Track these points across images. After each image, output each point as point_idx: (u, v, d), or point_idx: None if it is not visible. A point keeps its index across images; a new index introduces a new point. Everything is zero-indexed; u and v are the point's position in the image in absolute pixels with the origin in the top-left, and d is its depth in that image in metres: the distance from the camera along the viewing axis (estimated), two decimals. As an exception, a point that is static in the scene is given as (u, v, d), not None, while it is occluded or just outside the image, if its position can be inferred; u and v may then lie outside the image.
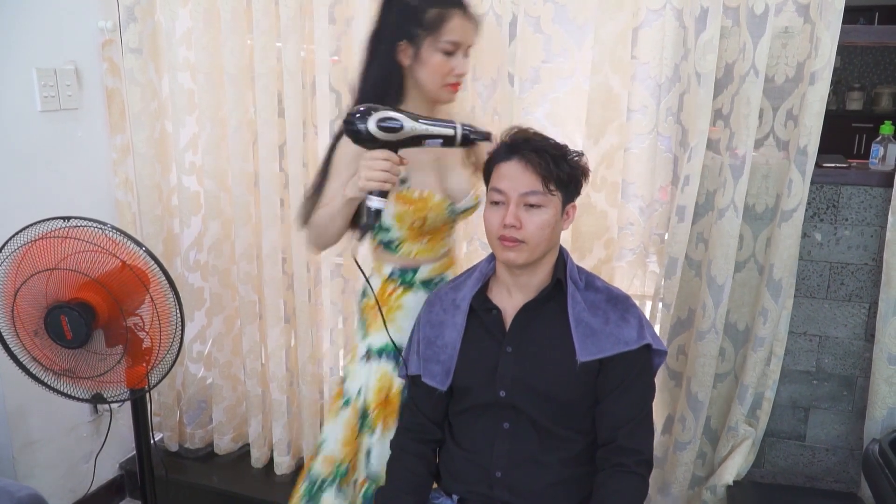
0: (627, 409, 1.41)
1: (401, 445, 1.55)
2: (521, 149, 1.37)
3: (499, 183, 1.39)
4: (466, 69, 1.57)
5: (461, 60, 1.55)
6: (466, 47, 1.55)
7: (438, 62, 1.53)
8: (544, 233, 1.38)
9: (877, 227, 1.93)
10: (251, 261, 2.34)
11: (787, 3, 1.83)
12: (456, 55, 1.54)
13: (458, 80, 1.57)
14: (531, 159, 1.35)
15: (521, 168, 1.36)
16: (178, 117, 2.29)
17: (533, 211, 1.37)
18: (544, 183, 1.35)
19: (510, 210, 1.36)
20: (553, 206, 1.38)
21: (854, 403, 2.05)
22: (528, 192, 1.36)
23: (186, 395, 2.54)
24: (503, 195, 1.38)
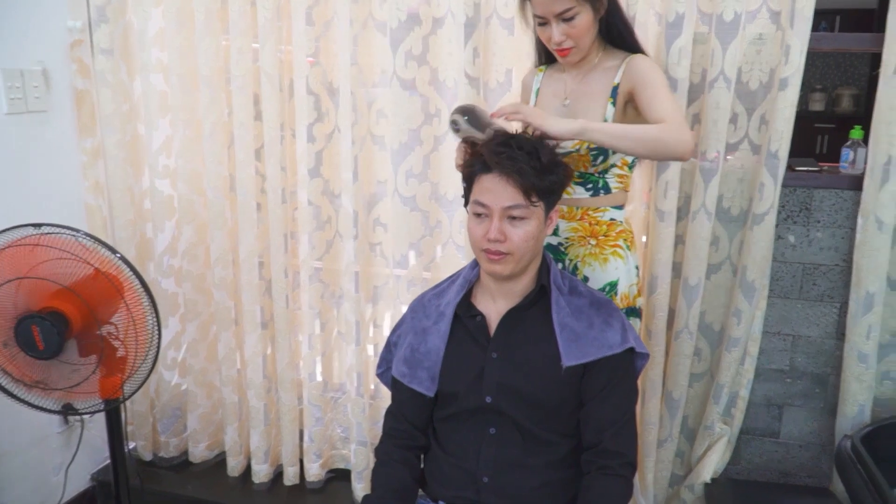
0: (612, 413, 1.43)
1: (385, 452, 1.54)
2: (502, 162, 1.36)
3: (481, 196, 1.39)
4: (559, 38, 1.58)
5: (554, 29, 1.57)
6: (554, 17, 1.56)
7: (538, 33, 1.66)
8: (529, 244, 1.39)
9: (847, 228, 1.98)
10: (227, 266, 2.31)
11: (762, 10, 1.87)
12: (548, 24, 1.58)
13: (558, 46, 1.60)
14: (512, 173, 1.35)
15: (503, 182, 1.36)
16: (150, 120, 2.25)
17: (517, 223, 1.38)
18: (526, 196, 1.36)
19: (494, 224, 1.37)
20: (536, 216, 1.39)
21: (826, 401, 2.10)
22: (511, 206, 1.36)
23: (160, 402, 2.49)
24: (486, 209, 1.38)
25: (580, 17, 1.56)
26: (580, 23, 1.56)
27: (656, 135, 1.49)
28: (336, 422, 2.44)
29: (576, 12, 1.55)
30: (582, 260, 1.69)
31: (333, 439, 2.46)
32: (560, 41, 1.59)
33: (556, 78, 1.77)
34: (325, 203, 2.25)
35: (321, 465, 2.41)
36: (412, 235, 2.20)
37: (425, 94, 2.10)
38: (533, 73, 1.83)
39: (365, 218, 2.21)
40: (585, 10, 1.56)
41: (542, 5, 1.56)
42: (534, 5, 1.59)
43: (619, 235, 1.70)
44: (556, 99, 1.74)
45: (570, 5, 1.54)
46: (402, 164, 2.14)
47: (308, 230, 2.23)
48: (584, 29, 1.58)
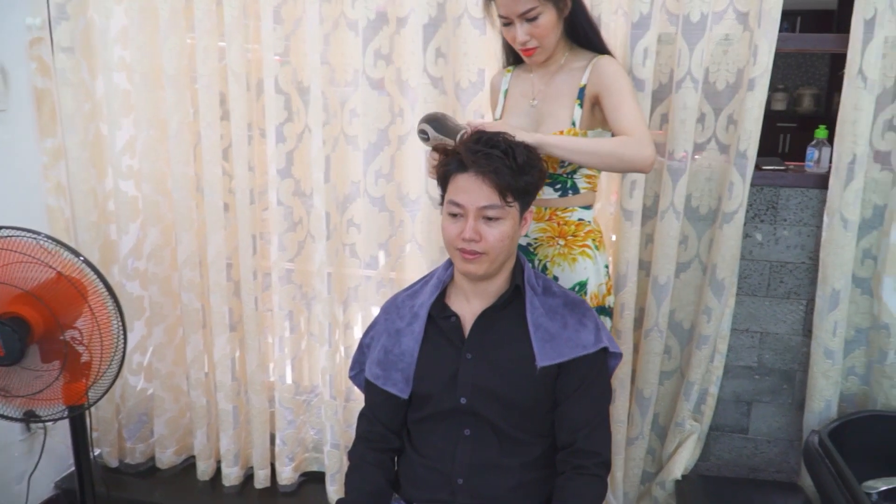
0: (586, 412, 1.43)
1: (359, 455, 1.53)
2: (478, 162, 1.35)
3: (456, 196, 1.38)
4: (523, 38, 1.59)
5: (518, 29, 1.59)
6: (518, 17, 1.57)
7: (503, 33, 1.68)
8: (504, 244, 1.38)
9: (813, 227, 2.01)
10: (195, 267, 2.27)
11: (728, 11, 1.89)
12: (513, 25, 1.59)
13: (522, 46, 1.61)
14: (488, 173, 1.35)
15: (478, 182, 1.35)
16: (113, 119, 2.20)
17: (492, 223, 1.37)
18: (502, 196, 1.35)
19: (469, 224, 1.36)
20: (511, 217, 1.39)
21: (794, 396, 2.13)
22: (486, 206, 1.36)
23: (126, 408, 2.44)
24: (461, 208, 1.38)
25: (543, 16, 1.57)
26: (544, 22, 1.57)
27: (612, 149, 1.51)
28: (309, 424, 2.42)
29: (539, 12, 1.56)
30: (551, 260, 1.69)
31: (306, 442, 2.43)
32: (524, 41, 1.60)
33: (523, 78, 1.77)
34: (297, 204, 2.22)
35: (294, 469, 2.38)
36: (380, 236, 2.19)
37: (392, 93, 2.09)
38: (501, 74, 1.84)
39: (338, 218, 2.19)
40: (549, 10, 1.57)
41: (505, 6, 1.57)
42: (497, 6, 1.60)
43: (588, 235, 1.71)
44: (524, 99, 1.74)
45: (532, 5, 1.54)
46: (371, 163, 2.12)
47: (279, 231, 2.20)
48: (548, 28, 1.59)
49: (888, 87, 1.87)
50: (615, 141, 1.53)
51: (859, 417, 1.93)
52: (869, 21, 1.79)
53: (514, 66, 1.81)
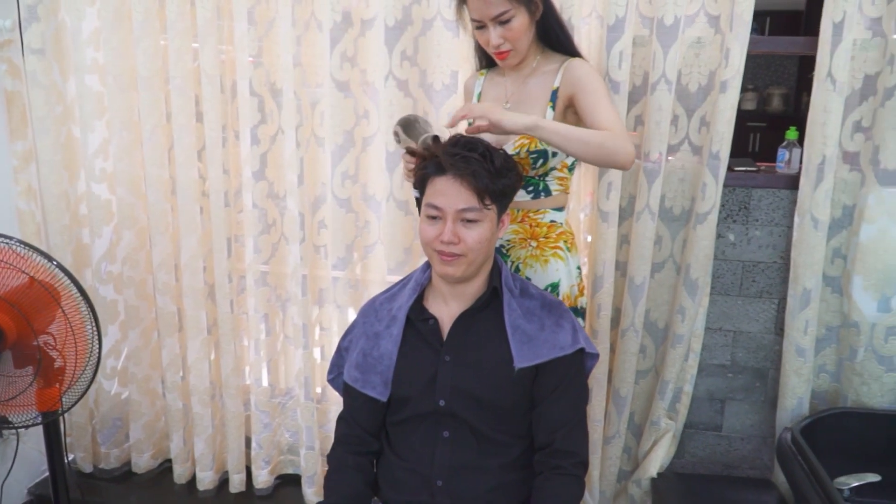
0: (563, 413, 1.44)
1: (338, 458, 1.53)
2: (456, 165, 1.36)
3: (435, 199, 1.39)
4: (497, 41, 1.60)
5: (492, 32, 1.59)
6: (490, 20, 1.58)
7: (476, 36, 1.68)
8: (482, 246, 1.39)
9: (784, 227, 2.05)
10: (170, 271, 2.25)
11: (700, 14, 1.92)
12: (486, 29, 1.60)
13: (496, 49, 1.62)
14: (466, 176, 1.35)
15: (456, 185, 1.36)
16: (86, 122, 2.17)
17: (470, 226, 1.38)
18: (480, 199, 1.36)
19: (447, 226, 1.37)
20: (489, 219, 1.40)
21: (766, 394, 2.16)
22: (464, 209, 1.37)
23: (100, 412, 2.41)
24: (440, 211, 1.38)
25: (516, 19, 1.58)
26: (516, 25, 1.58)
27: (602, 141, 1.51)
28: (284, 427, 2.41)
29: (511, 15, 1.57)
30: (523, 262, 1.70)
31: (282, 445, 2.42)
32: (498, 44, 1.61)
33: (496, 82, 1.78)
34: (271, 206, 2.22)
35: (270, 472, 2.37)
36: (347, 237, 2.20)
37: (357, 95, 2.10)
38: (474, 77, 1.85)
39: (310, 220, 2.18)
40: (521, 13, 1.58)
41: (477, 9, 1.58)
42: (470, 9, 1.61)
43: (560, 237, 1.72)
44: (497, 103, 1.75)
45: (505, 8, 1.56)
46: (338, 165, 2.13)
47: (253, 233, 2.19)
48: (521, 31, 1.60)
49: (857, 89, 1.91)
50: (603, 133, 1.53)
51: (831, 414, 1.96)
52: (837, 24, 1.83)
53: (488, 70, 1.82)
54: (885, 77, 1.85)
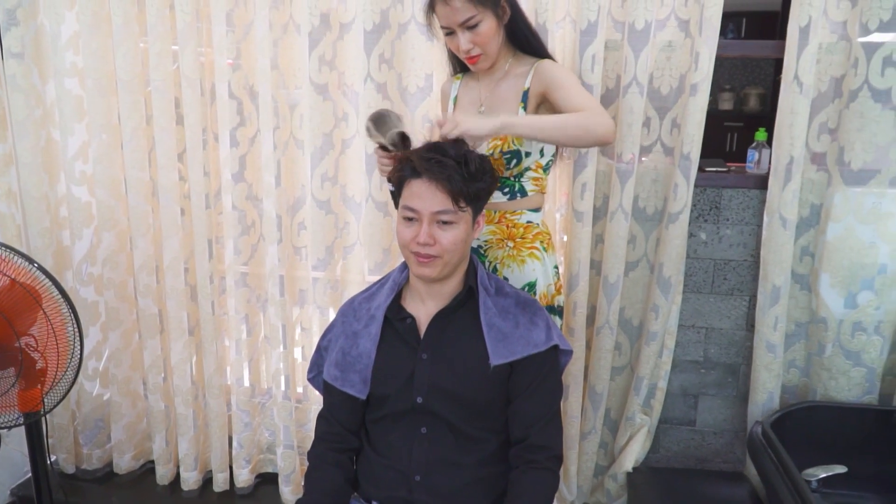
0: (538, 408, 1.48)
1: (318, 455, 1.55)
2: (431, 169, 1.39)
3: (411, 201, 1.42)
4: (466, 46, 1.64)
5: (461, 38, 1.64)
6: (459, 26, 1.62)
7: (447, 42, 1.71)
8: (457, 247, 1.43)
9: (754, 226, 2.09)
10: (151, 272, 2.27)
11: (670, 18, 1.96)
12: (454, 33, 1.64)
13: (466, 54, 1.67)
14: (441, 180, 1.39)
15: (432, 187, 1.40)
16: (66, 125, 2.19)
17: (446, 227, 1.41)
18: (455, 202, 1.40)
19: (423, 228, 1.40)
20: (465, 221, 1.43)
21: (738, 389, 2.21)
22: (440, 211, 1.40)
23: (82, 414, 2.43)
24: (416, 213, 1.41)
25: (483, 24, 1.62)
26: (484, 30, 1.62)
27: (576, 121, 1.55)
28: (264, 426, 2.43)
29: (479, 20, 1.61)
30: (501, 262, 1.74)
31: (262, 444, 2.45)
32: (468, 49, 1.65)
33: (471, 86, 1.82)
34: (249, 207, 2.24)
35: (250, 471, 2.40)
36: (327, 238, 2.22)
37: (335, 98, 2.12)
38: (450, 82, 1.88)
39: (289, 221, 2.21)
40: (488, 17, 1.62)
41: (445, 16, 1.62)
42: (438, 17, 1.65)
43: (536, 237, 1.76)
44: (472, 106, 1.79)
45: (472, 13, 1.60)
46: (317, 167, 2.15)
47: (233, 235, 2.22)
48: (489, 35, 1.64)
49: (823, 91, 1.96)
50: (577, 114, 1.57)
51: (800, 408, 2.01)
52: (804, 28, 1.87)
53: (463, 74, 1.86)
54: (849, 80, 1.90)
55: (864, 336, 2.01)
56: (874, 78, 1.87)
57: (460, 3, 1.59)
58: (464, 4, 1.59)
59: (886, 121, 1.88)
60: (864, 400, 2.05)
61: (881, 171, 1.92)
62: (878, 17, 1.83)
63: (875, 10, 1.83)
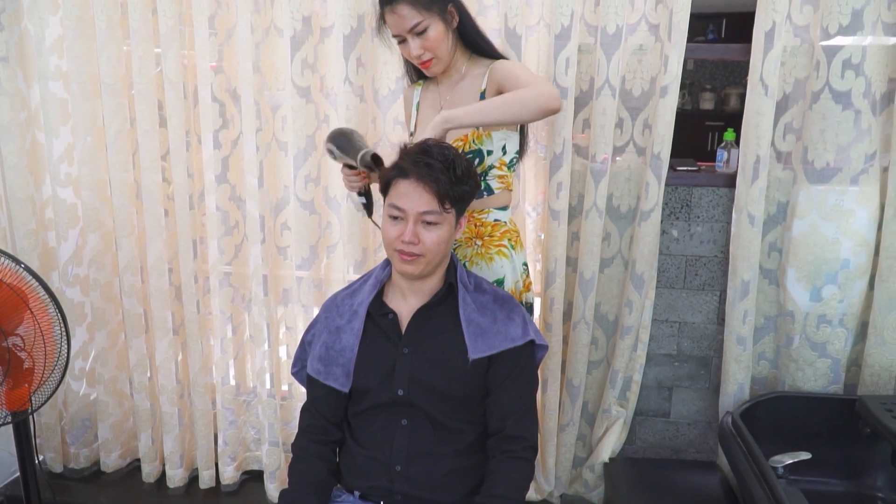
0: (514, 401, 1.53)
1: (301, 447, 1.59)
2: (419, 169, 1.44)
3: (397, 200, 1.47)
4: (417, 52, 1.69)
5: (412, 44, 1.69)
6: (407, 33, 1.66)
7: (401, 49, 1.74)
8: (440, 248, 1.48)
9: (724, 223, 2.17)
10: (136, 273, 2.31)
11: (641, 23, 2.02)
12: (405, 40, 1.69)
13: (419, 60, 1.71)
14: (428, 181, 1.44)
15: (419, 188, 1.44)
16: (51, 127, 2.22)
17: (431, 227, 1.46)
18: (440, 203, 1.44)
19: (409, 227, 1.45)
20: (448, 222, 1.48)
21: (710, 381, 2.28)
22: (426, 212, 1.45)
23: (69, 413, 2.45)
24: (402, 212, 1.46)
25: (432, 28, 1.67)
26: (433, 35, 1.67)
27: (515, 97, 1.60)
28: (249, 424, 2.47)
29: (426, 25, 1.66)
30: (469, 260, 1.79)
31: (247, 441, 2.49)
32: (419, 54, 1.69)
33: (432, 90, 1.86)
34: (233, 208, 2.28)
35: (235, 468, 2.44)
36: (311, 237, 2.27)
37: (317, 100, 2.17)
38: (412, 89, 1.92)
39: (272, 222, 2.25)
40: (435, 22, 1.67)
41: (394, 25, 1.68)
42: (388, 27, 1.70)
43: (504, 235, 1.80)
44: (433, 110, 1.83)
45: (418, 19, 1.65)
46: (301, 168, 2.20)
47: (217, 235, 2.25)
48: (438, 40, 1.69)
49: (787, 93, 2.03)
50: (518, 90, 1.61)
51: (768, 398, 2.08)
52: (768, 32, 1.94)
53: (424, 80, 1.90)
54: (812, 81, 1.97)
55: (829, 328, 2.09)
56: (835, 80, 1.94)
57: (406, 10, 1.64)
58: (410, 11, 1.64)
59: (847, 121, 1.96)
60: (830, 390, 2.12)
61: (843, 169, 1.99)
62: (838, 21, 1.91)
63: (835, 15, 1.91)
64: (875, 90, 1.96)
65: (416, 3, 1.64)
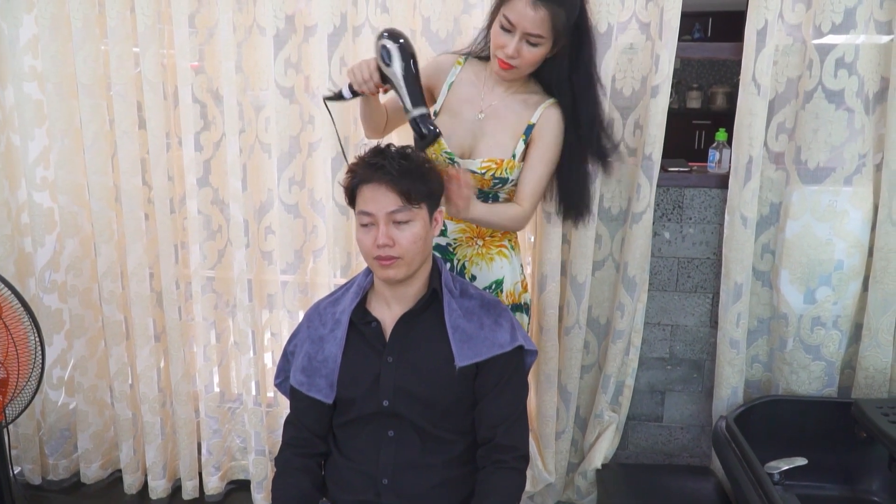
0: (504, 408, 1.49)
1: (286, 461, 1.55)
2: (378, 171, 1.41)
3: (365, 206, 1.43)
4: (512, 52, 1.58)
5: (515, 42, 1.57)
6: (523, 33, 1.57)
7: (495, 31, 1.62)
8: (418, 246, 1.43)
9: (716, 224, 2.14)
10: (115, 279, 2.25)
11: (631, 21, 1.99)
12: (513, 34, 1.57)
13: (506, 58, 1.60)
14: (390, 179, 1.40)
15: (382, 189, 1.41)
16: (25, 130, 2.15)
17: (403, 227, 1.42)
18: (405, 199, 1.40)
19: (381, 230, 1.41)
20: (421, 217, 1.44)
21: (703, 384, 2.25)
22: (394, 211, 1.41)
23: (47, 423, 2.39)
24: (371, 217, 1.42)
25: (541, 47, 1.59)
26: (538, 52, 1.60)
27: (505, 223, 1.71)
28: (234, 432, 2.42)
29: (541, 41, 1.58)
30: (469, 260, 1.76)
31: (232, 450, 2.44)
32: (512, 56, 1.60)
33: (472, 82, 1.76)
34: (216, 212, 2.23)
35: (220, 478, 2.38)
36: (296, 242, 2.22)
37: (301, 101, 2.12)
38: (452, 62, 1.79)
39: (256, 226, 2.20)
40: (548, 45, 1.60)
41: (519, 16, 1.55)
42: (510, 10, 1.56)
43: (505, 236, 1.78)
44: (469, 107, 1.74)
45: (542, 33, 1.56)
46: (285, 171, 2.15)
47: (199, 240, 2.20)
48: (537, 59, 1.62)
49: (780, 93, 2.00)
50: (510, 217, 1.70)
51: (763, 402, 2.06)
52: (760, 31, 1.92)
53: (466, 61, 1.78)
54: (804, 81, 1.95)
55: (822, 331, 2.06)
56: (828, 79, 1.91)
57: (545, 19, 1.55)
58: (545, 22, 1.55)
59: (840, 121, 1.93)
60: (824, 393, 2.10)
61: (836, 169, 1.97)
62: (831, 19, 1.88)
63: (827, 13, 1.88)
64: (868, 89, 1.93)
65: (559, 19, 1.55)
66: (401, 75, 1.55)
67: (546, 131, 1.68)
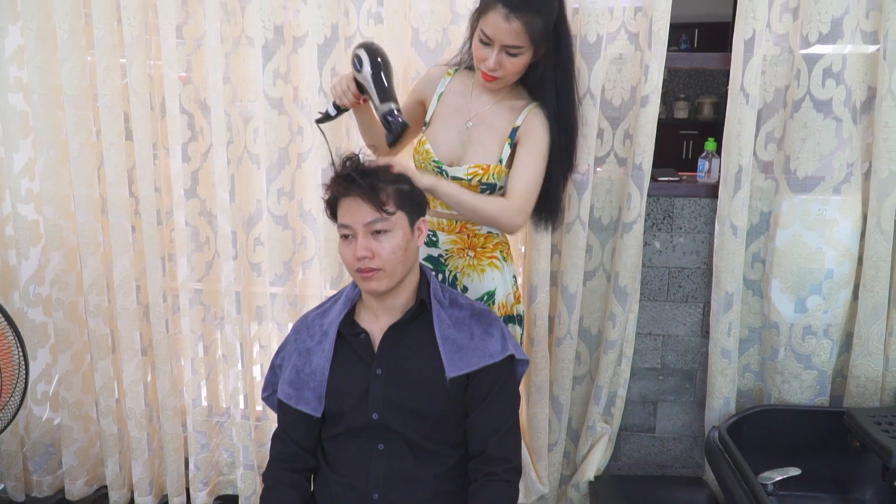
0: (495, 420, 1.48)
1: (274, 476, 1.52)
2: (348, 185, 1.40)
3: (343, 219, 1.43)
4: (493, 65, 1.60)
5: (494, 55, 1.59)
6: (501, 45, 1.57)
7: (475, 45, 1.63)
8: (398, 256, 1.42)
9: (706, 234, 2.13)
10: (101, 292, 2.22)
11: (620, 31, 1.99)
12: (491, 47, 1.58)
13: (488, 70, 1.61)
14: (360, 192, 1.39)
15: (356, 201, 1.40)
16: (10, 141, 2.13)
17: (381, 237, 1.41)
18: (380, 208, 1.39)
19: (360, 242, 1.40)
20: (400, 226, 1.43)
21: (695, 395, 2.24)
22: (371, 222, 1.40)
23: (31, 439, 2.35)
24: (350, 229, 1.42)
25: (522, 57, 1.60)
26: (519, 62, 1.61)
27: (490, 212, 1.62)
28: (222, 447, 2.38)
29: (521, 52, 1.59)
30: (461, 271, 1.75)
31: (220, 465, 2.40)
32: (493, 69, 1.61)
33: (460, 92, 1.77)
34: (203, 224, 2.21)
35: (208, 493, 2.34)
36: (285, 253, 2.20)
37: (290, 111, 2.11)
38: (441, 73, 1.81)
39: (244, 237, 2.18)
40: (529, 54, 1.60)
41: (496, 29, 1.56)
42: (486, 24, 1.58)
43: (496, 247, 1.77)
44: (458, 116, 1.75)
45: (521, 44, 1.57)
46: (273, 182, 2.13)
47: (186, 252, 2.18)
48: (519, 68, 1.62)
49: (769, 102, 2.01)
50: (497, 206, 1.62)
51: (755, 412, 2.05)
52: (748, 41, 1.92)
53: (456, 72, 1.81)
54: (793, 90, 1.95)
55: (814, 339, 2.06)
56: (815, 89, 1.92)
57: (520, 30, 1.55)
58: (520, 33, 1.55)
59: (828, 130, 1.94)
60: (816, 402, 2.09)
61: (825, 178, 1.97)
62: (818, 29, 1.89)
63: (815, 23, 1.89)
64: (855, 98, 1.94)
65: (534, 28, 1.55)
66: (369, 75, 1.58)
67: (531, 131, 1.68)
